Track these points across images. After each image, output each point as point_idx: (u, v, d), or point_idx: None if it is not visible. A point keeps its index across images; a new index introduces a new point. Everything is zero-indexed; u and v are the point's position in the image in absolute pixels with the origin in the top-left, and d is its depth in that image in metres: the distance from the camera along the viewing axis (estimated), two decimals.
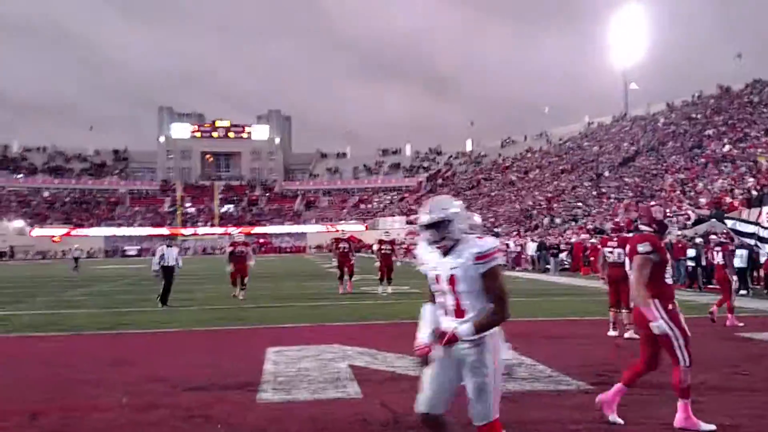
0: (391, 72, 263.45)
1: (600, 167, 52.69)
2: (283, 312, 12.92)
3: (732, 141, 39.27)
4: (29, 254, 69.23)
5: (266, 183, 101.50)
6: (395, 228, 53.84)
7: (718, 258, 11.02)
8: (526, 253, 30.38)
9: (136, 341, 9.51)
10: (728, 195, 27.43)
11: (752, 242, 13.23)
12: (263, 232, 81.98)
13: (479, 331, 3.05)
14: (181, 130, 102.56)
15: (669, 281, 4.87)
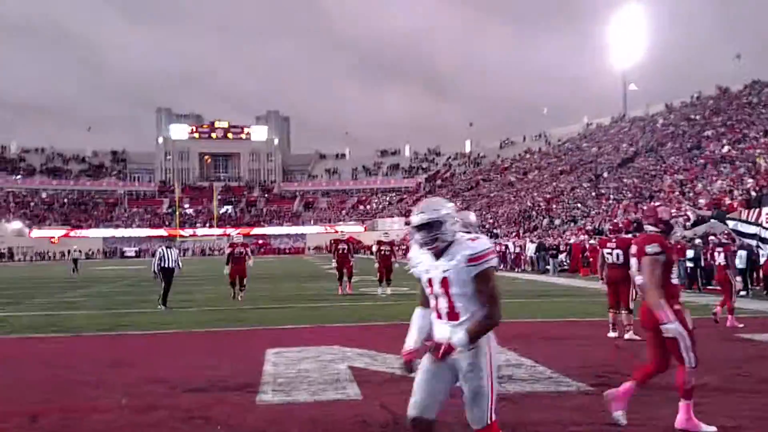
0: (390, 73, 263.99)
1: (599, 168, 52.70)
2: (283, 313, 12.91)
3: (731, 142, 39.30)
4: (28, 255, 69.23)
5: (265, 184, 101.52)
6: (394, 229, 53.77)
7: (720, 259, 10.99)
8: (526, 254, 30.40)
9: (136, 342, 9.50)
10: (727, 196, 27.45)
11: (754, 243, 13.22)
12: (262, 233, 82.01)
13: (474, 339, 3.00)
14: (180, 131, 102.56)
15: (675, 281, 4.85)
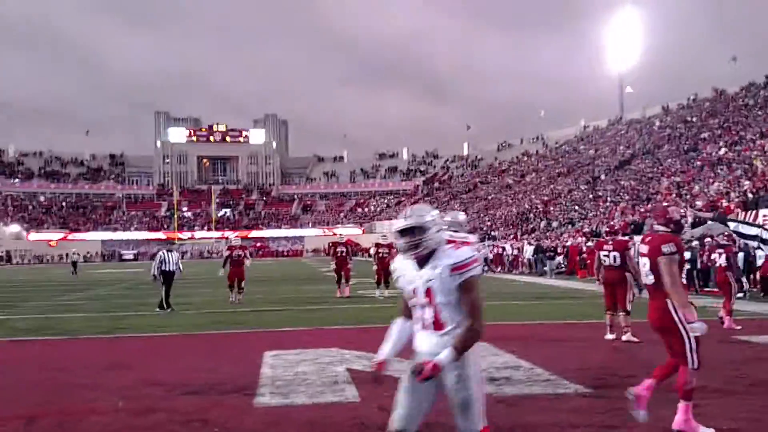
0: (388, 76, 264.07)
1: (596, 170, 52.76)
2: (281, 316, 12.90)
3: (727, 144, 39.37)
4: (26, 259, 69.12)
5: (263, 187, 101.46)
6: (392, 232, 53.67)
7: (721, 260, 10.97)
8: (523, 257, 30.41)
9: (133, 345, 9.49)
10: (724, 198, 27.49)
11: (755, 244, 13.18)
12: (260, 236, 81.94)
13: (460, 354, 2.93)
14: (178, 135, 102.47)
15: (684, 282, 4.84)
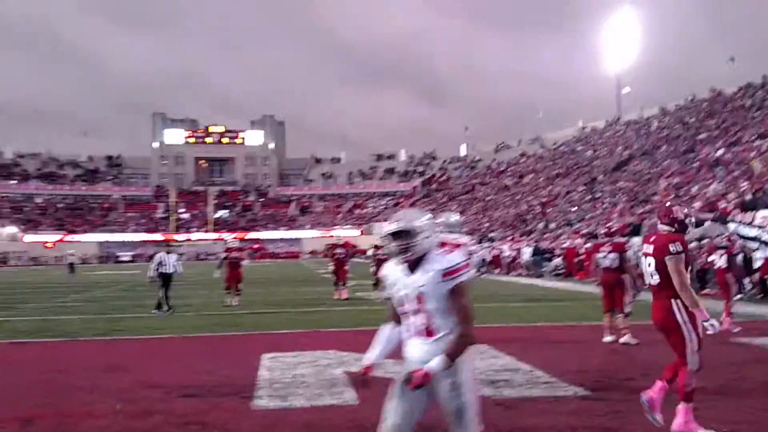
0: (386, 77, 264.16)
1: (594, 171, 52.82)
2: (279, 318, 12.88)
3: (725, 145, 39.41)
4: (22, 260, 68.96)
5: (260, 188, 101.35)
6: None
7: (721, 262, 10.95)
8: (521, 258, 30.39)
9: (131, 347, 9.47)
10: (722, 199, 27.49)
11: (755, 245, 13.14)
12: (257, 238, 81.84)
13: (452, 361, 2.89)
14: (175, 136, 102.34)
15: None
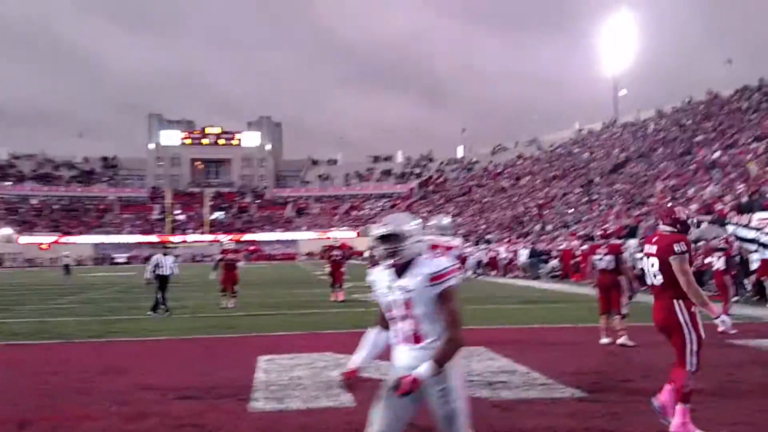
0: (383, 79, 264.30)
1: (591, 174, 52.88)
2: (275, 320, 12.86)
3: (722, 147, 39.49)
4: (17, 262, 68.74)
5: (257, 190, 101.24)
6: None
7: (719, 264, 10.97)
8: (518, 260, 30.40)
9: (126, 349, 9.44)
10: (719, 201, 27.55)
11: (753, 248, 13.13)
12: (254, 239, 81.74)
13: (440, 366, 2.87)
14: (171, 137, 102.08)
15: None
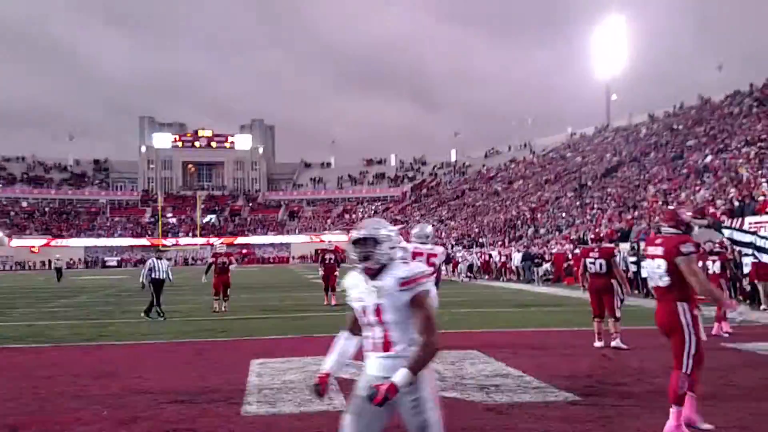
0: (376, 82, 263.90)
1: (583, 178, 53.08)
2: (267, 323, 12.83)
3: (713, 152, 39.71)
4: (7, 265, 68.37)
5: (249, 193, 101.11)
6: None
7: (714, 267, 11.02)
8: (511, 264, 30.44)
9: (118, 353, 9.38)
10: (711, 205, 27.68)
11: (749, 251, 13.14)
12: (246, 243, 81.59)
13: (416, 373, 2.79)
14: (163, 140, 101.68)
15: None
